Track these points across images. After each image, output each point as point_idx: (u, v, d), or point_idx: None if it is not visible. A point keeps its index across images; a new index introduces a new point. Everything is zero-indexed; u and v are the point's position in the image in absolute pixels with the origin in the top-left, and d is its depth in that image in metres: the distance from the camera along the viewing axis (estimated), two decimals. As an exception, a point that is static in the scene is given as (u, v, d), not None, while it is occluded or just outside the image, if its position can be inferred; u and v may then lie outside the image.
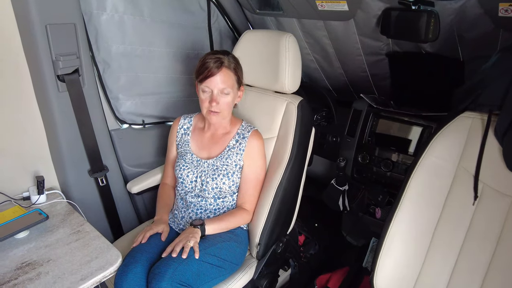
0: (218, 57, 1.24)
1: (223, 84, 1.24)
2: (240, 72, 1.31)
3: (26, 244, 1.12)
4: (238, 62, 1.31)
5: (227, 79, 1.25)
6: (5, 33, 1.21)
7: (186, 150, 1.39)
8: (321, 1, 1.48)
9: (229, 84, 1.26)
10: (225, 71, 1.24)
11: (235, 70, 1.28)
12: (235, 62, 1.30)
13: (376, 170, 1.69)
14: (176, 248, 1.13)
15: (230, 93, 1.27)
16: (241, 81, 1.32)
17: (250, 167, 1.33)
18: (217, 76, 1.23)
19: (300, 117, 1.38)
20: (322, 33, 1.70)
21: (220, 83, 1.24)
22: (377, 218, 1.73)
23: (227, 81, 1.25)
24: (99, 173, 1.47)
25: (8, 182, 1.33)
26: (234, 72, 1.28)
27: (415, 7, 1.37)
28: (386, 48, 1.60)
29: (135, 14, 1.49)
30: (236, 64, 1.30)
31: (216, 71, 1.22)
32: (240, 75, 1.31)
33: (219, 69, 1.23)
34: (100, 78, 1.52)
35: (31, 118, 1.34)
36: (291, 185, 1.38)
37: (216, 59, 1.23)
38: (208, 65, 1.22)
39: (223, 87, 1.25)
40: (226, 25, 1.88)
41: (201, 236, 1.20)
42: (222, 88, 1.25)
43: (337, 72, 1.93)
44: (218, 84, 1.24)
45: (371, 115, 1.73)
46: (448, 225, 1.04)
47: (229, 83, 1.26)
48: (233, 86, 1.28)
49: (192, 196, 1.34)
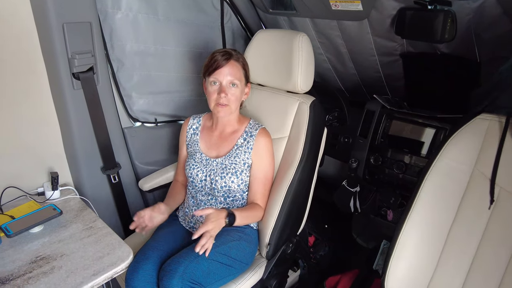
0: (226, 51, 1.28)
1: (231, 76, 1.26)
2: (247, 68, 1.34)
3: (41, 238, 1.15)
4: (245, 59, 1.35)
5: (235, 71, 1.27)
6: (24, 32, 1.23)
7: (196, 150, 1.40)
8: (335, 1, 1.46)
9: (237, 77, 1.28)
10: (233, 63, 1.27)
11: (242, 64, 1.31)
12: (243, 57, 1.33)
13: (389, 172, 1.66)
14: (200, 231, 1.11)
15: (238, 85, 1.28)
16: (248, 77, 1.35)
17: (258, 165, 1.33)
18: (225, 67, 1.26)
19: (312, 117, 1.38)
20: (335, 33, 1.69)
21: (228, 74, 1.26)
22: (388, 220, 1.71)
23: (235, 73, 1.28)
24: (111, 170, 1.49)
25: (24, 178, 1.36)
26: (242, 66, 1.31)
27: (431, 7, 1.34)
28: (400, 49, 1.58)
29: (149, 13, 1.50)
30: (244, 60, 1.33)
31: (225, 63, 1.25)
32: (247, 71, 1.34)
33: (227, 61, 1.26)
34: (114, 76, 1.53)
35: (46, 115, 1.37)
36: (302, 186, 1.37)
37: (224, 52, 1.27)
38: (217, 58, 1.26)
39: (232, 79, 1.27)
40: (238, 25, 1.88)
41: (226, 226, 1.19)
42: (231, 80, 1.27)
43: (350, 72, 1.91)
44: (226, 75, 1.26)
45: (384, 116, 1.71)
46: (462, 229, 1.02)
47: (237, 76, 1.28)
48: (241, 79, 1.30)
49: (203, 194, 1.35)
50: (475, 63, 1.42)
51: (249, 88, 1.37)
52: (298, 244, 1.48)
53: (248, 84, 1.36)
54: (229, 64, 1.26)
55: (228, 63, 1.26)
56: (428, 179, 1.09)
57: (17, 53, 1.24)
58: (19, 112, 1.30)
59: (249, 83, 1.36)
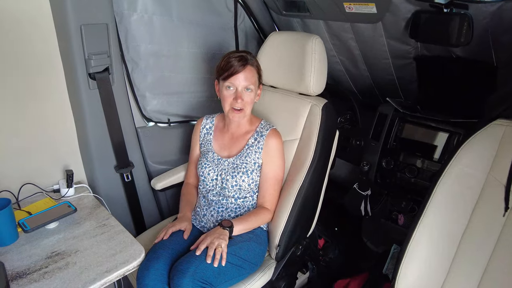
0: (242, 55, 1.28)
1: (247, 82, 1.28)
2: (260, 71, 1.36)
3: (56, 234, 1.17)
4: (258, 62, 1.36)
5: (251, 77, 1.29)
6: (44, 34, 1.27)
7: (208, 149, 1.41)
8: (349, 3, 1.46)
9: (252, 82, 1.29)
10: (249, 68, 1.29)
11: (257, 68, 1.33)
12: (256, 61, 1.35)
13: (400, 176, 1.65)
14: (201, 246, 1.14)
15: (253, 90, 1.30)
16: (261, 80, 1.37)
17: (268, 166, 1.34)
18: (242, 73, 1.27)
19: (324, 119, 1.38)
20: (348, 35, 1.68)
21: (245, 80, 1.27)
22: (399, 225, 1.69)
23: (251, 78, 1.29)
24: (125, 169, 1.52)
25: (41, 175, 1.40)
26: (257, 70, 1.32)
27: (447, 10, 1.33)
28: (414, 52, 1.56)
29: (163, 14, 1.52)
30: (257, 63, 1.35)
31: (241, 69, 1.26)
32: (261, 74, 1.36)
33: (244, 67, 1.27)
34: (128, 77, 1.56)
35: (63, 114, 1.40)
36: (313, 188, 1.37)
37: (240, 57, 1.27)
38: (233, 63, 1.26)
39: (247, 84, 1.28)
40: (252, 26, 1.89)
41: (229, 238, 1.21)
42: (246, 85, 1.28)
43: (362, 75, 1.90)
44: (242, 81, 1.27)
45: (397, 119, 1.69)
46: (475, 236, 1.01)
47: (253, 81, 1.29)
48: (255, 84, 1.31)
49: (214, 194, 1.36)
50: (491, 67, 1.40)
51: (261, 89, 1.38)
52: (308, 246, 1.48)
53: (260, 86, 1.38)
54: (246, 70, 1.27)
55: (244, 68, 1.27)
56: (441, 184, 1.08)
57: (38, 54, 1.28)
58: (36, 111, 1.34)
59: (261, 85, 1.38)
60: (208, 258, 1.11)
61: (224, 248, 1.15)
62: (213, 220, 1.35)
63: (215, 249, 1.13)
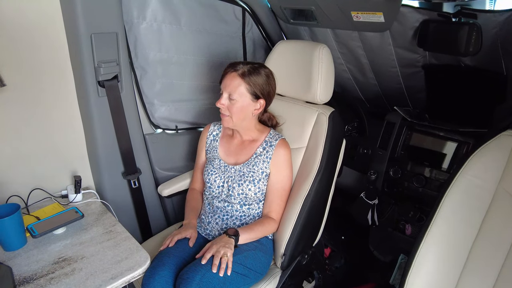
0: (236, 64, 1.29)
1: (229, 88, 1.27)
2: (257, 85, 1.27)
3: (63, 240, 1.18)
4: (259, 75, 1.27)
5: (235, 86, 1.26)
6: (55, 41, 1.29)
7: (215, 156, 1.42)
8: (357, 12, 1.46)
9: (236, 91, 1.26)
10: (235, 77, 1.27)
11: (247, 80, 1.26)
12: (255, 74, 1.27)
13: (408, 185, 1.63)
14: (207, 255, 1.14)
15: (237, 99, 1.27)
16: (257, 94, 1.28)
17: (276, 176, 1.34)
18: (226, 79, 1.28)
19: (331, 128, 1.37)
20: (356, 43, 1.69)
21: (228, 86, 1.27)
22: (407, 234, 1.67)
23: (235, 87, 1.26)
24: (132, 175, 1.53)
25: (49, 180, 1.42)
26: (246, 82, 1.26)
27: (455, 19, 1.33)
28: (423, 61, 1.56)
29: (172, 23, 1.54)
30: (254, 77, 1.26)
31: (227, 76, 1.28)
32: (256, 88, 1.27)
33: (230, 74, 1.28)
34: (137, 84, 1.58)
35: (72, 120, 1.42)
36: (319, 198, 1.36)
37: (234, 65, 1.29)
38: (226, 69, 1.29)
39: (230, 92, 1.27)
40: (259, 34, 1.90)
41: (234, 246, 1.20)
42: (229, 93, 1.27)
43: (370, 83, 1.90)
44: (226, 87, 1.28)
45: (405, 128, 1.68)
46: (485, 248, 0.99)
47: (237, 91, 1.26)
48: (242, 95, 1.27)
49: (219, 201, 1.36)
50: (501, 76, 1.38)
51: (261, 105, 1.32)
52: (314, 255, 1.47)
53: (260, 100, 1.30)
54: (231, 78, 1.27)
55: (230, 76, 1.27)
56: (449, 195, 1.06)
57: (48, 61, 1.30)
58: (47, 117, 1.36)
59: (261, 100, 1.30)
60: (214, 267, 1.10)
61: (229, 257, 1.14)
62: (218, 228, 1.35)
63: (220, 258, 1.13)
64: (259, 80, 1.28)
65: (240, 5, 1.75)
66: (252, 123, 1.37)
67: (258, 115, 1.37)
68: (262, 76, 1.29)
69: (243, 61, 1.31)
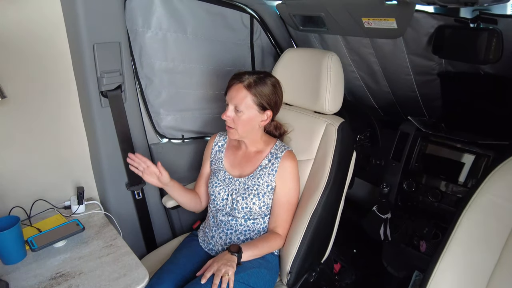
0: (241, 75, 1.25)
1: (235, 101, 1.23)
2: (263, 95, 1.23)
3: (62, 254, 1.16)
4: (265, 85, 1.23)
5: (241, 98, 1.22)
6: (58, 52, 1.28)
7: (220, 167, 1.38)
8: (368, 19, 1.40)
9: (242, 103, 1.22)
10: (240, 89, 1.23)
11: (254, 91, 1.22)
12: (261, 85, 1.23)
13: (423, 199, 1.55)
14: (207, 274, 1.09)
15: (243, 111, 1.23)
16: (264, 105, 1.24)
17: (282, 190, 1.28)
18: (232, 91, 1.24)
19: (340, 140, 1.31)
20: (368, 50, 1.62)
21: (234, 99, 1.23)
22: (421, 251, 1.58)
23: (240, 99, 1.22)
24: (136, 186, 1.50)
25: (53, 191, 1.40)
26: (252, 93, 1.22)
27: (473, 25, 1.25)
28: (438, 68, 1.48)
29: (178, 31, 1.51)
30: (260, 87, 1.22)
31: (233, 87, 1.24)
32: (263, 99, 1.23)
33: (235, 85, 1.24)
34: (142, 93, 1.56)
35: (76, 131, 1.41)
36: (327, 213, 1.30)
37: (239, 76, 1.25)
38: (231, 80, 1.25)
39: (236, 104, 1.23)
40: (268, 42, 1.86)
41: (237, 264, 1.15)
42: (235, 105, 1.24)
43: (383, 91, 1.83)
44: (232, 99, 1.24)
45: (419, 139, 1.60)
46: (507, 273, 0.91)
47: (243, 102, 1.22)
48: (248, 107, 1.23)
49: (223, 214, 1.32)
50: (524, 85, 1.30)
51: (268, 116, 1.28)
52: (322, 272, 1.40)
53: (268, 111, 1.26)
54: (237, 89, 1.23)
55: (235, 87, 1.23)
56: (467, 214, 0.99)
57: (52, 71, 1.29)
58: (50, 128, 1.35)
59: (268, 111, 1.27)
60: (213, 287, 1.05)
61: (231, 276, 1.09)
62: (221, 243, 1.31)
63: (221, 277, 1.08)
64: (266, 91, 1.23)
65: (248, 12, 1.71)
66: (258, 134, 1.32)
67: (264, 126, 1.33)
68: (269, 86, 1.25)
69: (248, 71, 1.27)
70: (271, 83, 1.25)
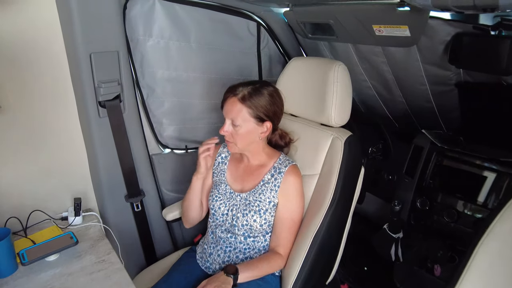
0: (235, 87, 1.19)
1: (231, 115, 1.18)
2: (259, 107, 1.16)
3: (53, 268, 1.12)
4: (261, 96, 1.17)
5: (236, 111, 1.17)
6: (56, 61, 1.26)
7: (221, 180, 1.32)
8: (379, 26, 1.32)
9: (238, 117, 1.17)
10: (235, 102, 1.17)
11: (249, 104, 1.16)
12: (256, 96, 1.16)
13: (438, 219, 1.44)
14: None
15: (241, 125, 1.17)
16: (261, 117, 1.18)
17: (284, 207, 1.21)
18: (227, 105, 1.19)
19: (346, 155, 1.23)
20: (380, 59, 1.54)
21: (229, 113, 1.18)
22: (435, 275, 1.47)
23: (236, 113, 1.17)
24: (134, 198, 1.46)
25: (51, 201, 1.38)
26: (248, 105, 1.16)
27: (494, 33, 1.16)
28: (456, 78, 1.38)
29: (181, 40, 1.48)
30: (256, 99, 1.16)
31: (227, 101, 1.19)
32: (259, 111, 1.17)
33: (230, 99, 1.18)
34: (143, 103, 1.52)
35: (74, 141, 1.38)
36: (332, 231, 1.22)
37: (233, 88, 1.19)
38: (225, 94, 1.20)
39: (232, 118, 1.18)
40: (276, 50, 1.80)
41: (233, 286, 1.09)
42: (232, 119, 1.18)
43: (397, 101, 1.73)
44: (228, 113, 1.19)
45: (435, 153, 1.50)
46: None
47: (239, 116, 1.17)
48: (245, 120, 1.17)
49: (222, 230, 1.26)
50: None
51: (268, 128, 1.21)
52: (327, 295, 1.32)
53: (267, 123, 1.20)
54: (232, 103, 1.17)
55: (229, 101, 1.18)
56: (486, 241, 0.89)
57: (50, 81, 1.27)
58: (49, 138, 1.33)
59: (267, 122, 1.20)
60: None
61: None
62: (220, 261, 1.24)
63: None
64: (262, 102, 1.17)
65: (255, 20, 1.66)
66: (259, 146, 1.26)
67: (266, 137, 1.26)
68: (265, 96, 1.18)
69: (243, 82, 1.21)
70: (267, 93, 1.19)
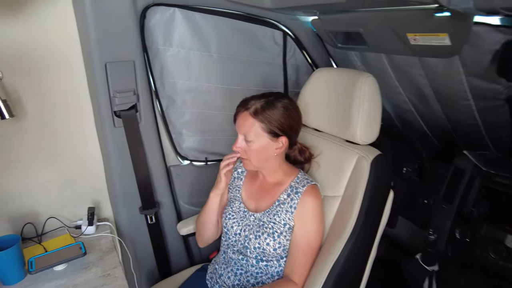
0: (247, 101, 1.12)
1: (243, 130, 1.11)
2: (273, 121, 1.08)
3: (59, 279, 1.11)
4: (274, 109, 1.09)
5: (248, 126, 1.09)
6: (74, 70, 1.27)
7: (236, 197, 1.25)
8: (414, 34, 1.19)
9: (250, 132, 1.09)
10: (246, 117, 1.09)
11: (261, 118, 1.08)
12: (269, 109, 1.08)
13: (481, 254, 1.25)
14: None
15: (253, 140, 1.09)
16: (275, 132, 1.10)
17: (301, 230, 1.11)
18: (239, 120, 1.12)
19: (373, 176, 1.11)
20: (417, 71, 1.39)
21: (241, 128, 1.11)
22: (477, 319, 1.28)
23: (248, 128, 1.09)
24: (149, 210, 1.43)
25: (67, 209, 1.39)
26: (260, 120, 1.08)
27: (554, 41, 0.99)
28: (506, 92, 1.21)
29: (201, 50, 1.43)
30: (269, 112, 1.08)
31: (239, 116, 1.12)
32: (273, 125, 1.09)
33: (241, 113, 1.11)
34: (162, 114, 1.49)
35: (91, 150, 1.39)
36: (353, 263, 1.09)
37: (245, 102, 1.12)
38: (237, 108, 1.13)
39: (244, 133, 1.11)
40: (304, 60, 1.71)
41: None
42: (244, 134, 1.11)
43: (437, 117, 1.56)
44: (240, 128, 1.12)
45: (479, 178, 1.32)
46: None
47: (251, 131, 1.09)
48: (258, 135, 1.09)
49: (234, 251, 1.18)
50: None
51: (283, 143, 1.12)
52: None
53: (282, 138, 1.12)
54: (243, 118, 1.10)
55: (241, 116, 1.11)
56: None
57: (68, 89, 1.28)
58: (66, 146, 1.34)
59: (283, 137, 1.12)
60: None
61: None
62: (230, 284, 1.16)
63: None
64: (276, 115, 1.09)
65: (281, 29, 1.59)
66: (276, 163, 1.17)
67: (282, 153, 1.17)
68: (279, 109, 1.09)
69: (256, 95, 1.13)
70: (282, 106, 1.10)
